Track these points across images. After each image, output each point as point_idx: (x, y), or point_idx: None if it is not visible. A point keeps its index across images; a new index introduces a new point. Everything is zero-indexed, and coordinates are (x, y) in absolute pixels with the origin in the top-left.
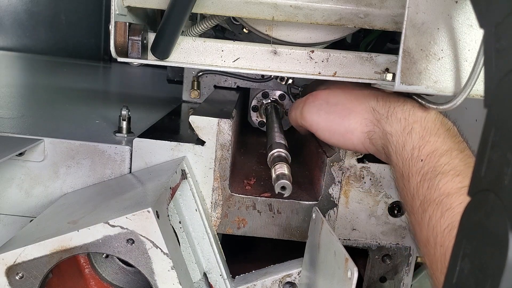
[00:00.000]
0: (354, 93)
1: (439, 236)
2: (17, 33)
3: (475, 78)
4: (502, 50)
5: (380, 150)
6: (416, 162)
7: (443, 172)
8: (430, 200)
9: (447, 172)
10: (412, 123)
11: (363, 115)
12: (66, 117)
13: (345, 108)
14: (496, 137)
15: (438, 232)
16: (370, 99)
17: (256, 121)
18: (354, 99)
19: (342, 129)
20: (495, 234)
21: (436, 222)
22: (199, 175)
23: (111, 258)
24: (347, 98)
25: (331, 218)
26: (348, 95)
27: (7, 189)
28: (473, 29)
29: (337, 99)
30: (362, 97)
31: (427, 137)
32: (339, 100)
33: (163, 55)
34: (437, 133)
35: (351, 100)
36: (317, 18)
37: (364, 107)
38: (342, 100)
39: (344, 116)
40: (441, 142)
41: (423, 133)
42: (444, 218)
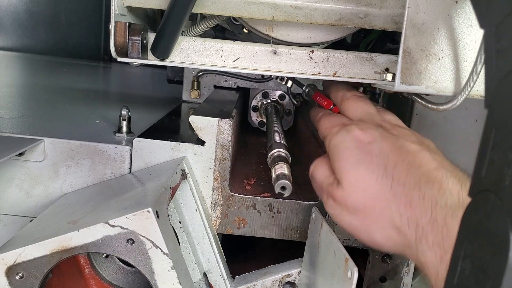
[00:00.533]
0: (374, 199)
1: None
2: (17, 33)
3: (475, 78)
4: (503, 50)
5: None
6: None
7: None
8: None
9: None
10: (449, 248)
11: (386, 233)
12: (66, 117)
13: (365, 218)
14: (497, 137)
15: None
16: (393, 213)
17: (256, 121)
18: (373, 207)
19: (370, 242)
20: (496, 234)
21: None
22: (199, 175)
23: (111, 258)
24: (366, 204)
25: (331, 218)
26: (366, 199)
27: (7, 189)
28: (473, 29)
29: (355, 203)
30: (385, 207)
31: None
32: (357, 204)
33: (163, 55)
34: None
35: (371, 208)
36: (317, 18)
37: (386, 223)
38: (361, 206)
39: (367, 230)
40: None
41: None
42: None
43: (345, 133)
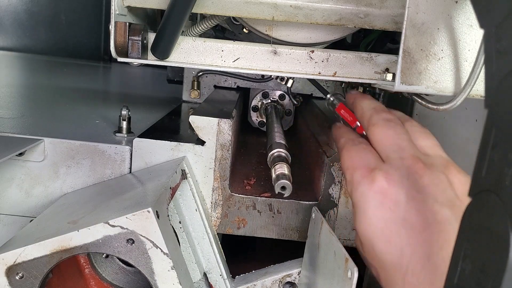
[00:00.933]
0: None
1: None
2: (17, 33)
3: (475, 78)
4: (503, 50)
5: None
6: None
7: None
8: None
9: None
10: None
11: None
12: (66, 117)
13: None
14: (497, 137)
15: None
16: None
17: (256, 121)
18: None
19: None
20: (496, 234)
21: None
22: (199, 175)
23: (111, 258)
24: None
25: (331, 218)
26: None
27: (7, 189)
28: (473, 29)
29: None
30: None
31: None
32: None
33: (163, 55)
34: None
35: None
36: (317, 18)
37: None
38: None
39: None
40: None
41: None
42: None
43: (368, 186)
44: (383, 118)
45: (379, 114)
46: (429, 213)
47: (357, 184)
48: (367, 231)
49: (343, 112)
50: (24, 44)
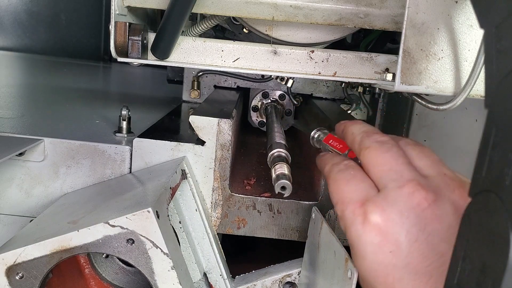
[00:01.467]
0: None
1: None
2: (17, 33)
3: (475, 78)
4: (503, 50)
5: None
6: None
7: None
8: None
9: None
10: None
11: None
12: (66, 117)
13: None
14: (497, 137)
15: None
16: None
17: (256, 121)
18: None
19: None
20: (496, 234)
21: None
22: (199, 175)
23: (111, 258)
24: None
25: (331, 218)
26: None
27: (7, 189)
28: (473, 29)
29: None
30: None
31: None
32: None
33: (163, 55)
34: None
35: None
36: (317, 18)
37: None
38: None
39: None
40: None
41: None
42: None
43: (362, 225)
44: (376, 140)
45: (371, 136)
46: (435, 256)
47: (350, 223)
48: (368, 276)
49: (332, 142)
50: (24, 44)
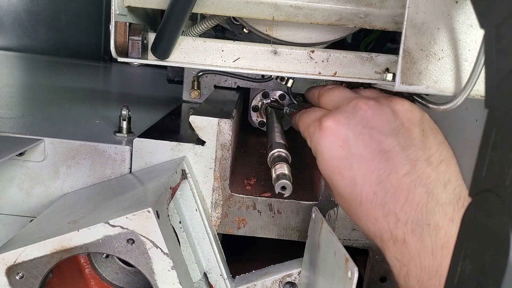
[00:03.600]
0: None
1: None
2: (17, 33)
3: (475, 78)
4: (504, 50)
5: None
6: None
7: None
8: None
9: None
10: (407, 264)
11: (366, 234)
12: (66, 117)
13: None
14: (497, 137)
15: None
16: (362, 223)
17: (256, 121)
18: (350, 214)
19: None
20: (496, 234)
21: None
22: (199, 175)
23: (111, 258)
24: (344, 211)
25: (331, 218)
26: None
27: (7, 189)
28: (474, 29)
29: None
30: (356, 215)
31: (427, 281)
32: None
33: (163, 55)
34: (438, 270)
35: (348, 213)
36: (317, 18)
37: (363, 229)
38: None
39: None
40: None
41: (421, 276)
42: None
43: (319, 132)
44: (328, 88)
45: (326, 86)
46: (375, 144)
47: (312, 135)
48: (326, 171)
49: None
50: (24, 44)
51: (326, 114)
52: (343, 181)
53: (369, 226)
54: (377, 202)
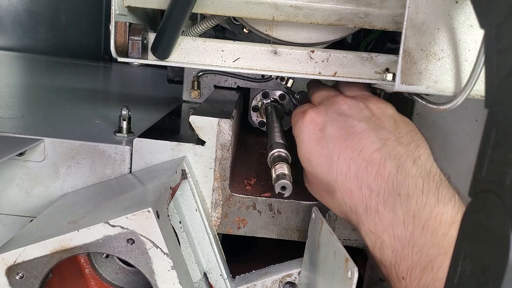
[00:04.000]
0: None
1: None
2: (17, 33)
3: (475, 78)
4: (504, 50)
5: None
6: (398, 281)
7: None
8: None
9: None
10: (381, 235)
11: (328, 200)
12: (66, 117)
13: (314, 187)
14: (497, 137)
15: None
16: (340, 201)
17: (256, 121)
18: (327, 195)
19: (320, 200)
20: (496, 234)
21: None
22: (199, 175)
23: (111, 258)
24: (320, 194)
25: (331, 218)
26: (319, 188)
27: (7, 189)
28: (474, 29)
29: (314, 193)
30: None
31: (400, 250)
32: (316, 193)
33: (163, 55)
34: (411, 240)
35: (325, 196)
36: (317, 18)
37: (338, 209)
38: (318, 195)
39: (315, 193)
40: (417, 253)
41: (395, 246)
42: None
43: (301, 122)
44: (318, 87)
45: (320, 85)
46: (348, 127)
47: (295, 123)
48: (304, 154)
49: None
50: (24, 44)
51: (310, 107)
52: (320, 159)
53: (346, 200)
54: (351, 175)
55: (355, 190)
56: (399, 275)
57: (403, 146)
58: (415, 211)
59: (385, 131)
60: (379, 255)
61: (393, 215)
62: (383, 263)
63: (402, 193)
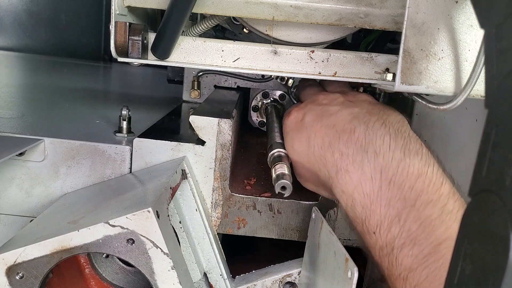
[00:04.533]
0: (307, 165)
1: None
2: (17, 33)
3: (475, 78)
4: (504, 50)
5: None
6: (369, 237)
7: (398, 246)
8: (395, 275)
9: (402, 245)
10: (352, 193)
11: (315, 182)
12: (66, 117)
13: (311, 182)
14: (497, 137)
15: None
16: (317, 172)
17: (256, 121)
18: (308, 171)
19: (312, 190)
20: (496, 234)
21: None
22: (199, 175)
23: (111, 258)
24: (306, 172)
25: (331, 218)
26: (304, 169)
27: (7, 189)
28: (474, 29)
29: (301, 175)
30: (313, 170)
31: (369, 206)
32: (302, 176)
33: (163, 55)
34: (378, 195)
35: (309, 174)
36: (317, 18)
37: (318, 182)
38: (305, 176)
39: (316, 189)
40: (385, 207)
41: (364, 202)
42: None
43: (286, 120)
44: (304, 85)
45: (309, 85)
46: (324, 111)
47: (284, 121)
48: (289, 143)
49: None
50: (24, 44)
51: (295, 106)
52: (300, 142)
53: (321, 168)
54: (326, 146)
55: (328, 157)
56: (370, 230)
57: (374, 114)
58: (382, 166)
59: (357, 108)
60: (352, 214)
61: (361, 172)
62: (356, 220)
63: (369, 151)
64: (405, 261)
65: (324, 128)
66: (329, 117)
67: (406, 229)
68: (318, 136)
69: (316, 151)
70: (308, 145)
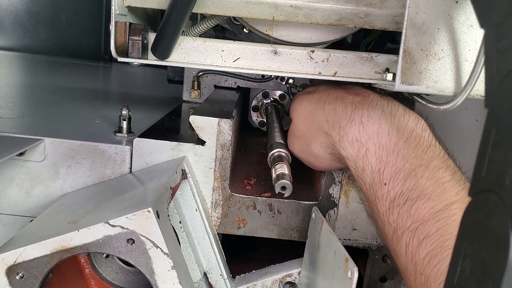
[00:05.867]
0: (310, 117)
1: (418, 265)
2: (17, 33)
3: (475, 78)
4: (503, 50)
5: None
6: (380, 187)
7: (411, 198)
8: (404, 228)
9: (416, 197)
10: (366, 143)
11: (320, 140)
12: (66, 117)
13: (306, 137)
14: (497, 137)
15: (417, 261)
16: (322, 122)
17: (256, 121)
18: (310, 123)
19: (312, 156)
20: (496, 234)
21: (414, 251)
22: (200, 175)
23: (112, 258)
24: (305, 126)
25: (331, 218)
26: (305, 122)
27: (8, 189)
28: (474, 29)
29: (299, 131)
30: (317, 120)
31: (385, 157)
32: (300, 130)
33: (163, 55)
34: (395, 149)
35: (309, 126)
36: (317, 18)
37: (319, 131)
38: (302, 130)
39: (308, 145)
40: (401, 161)
41: (379, 153)
42: (422, 246)
43: (297, 97)
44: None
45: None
46: (332, 91)
47: (290, 108)
48: (299, 100)
49: None
50: (24, 44)
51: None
52: (311, 100)
53: (328, 119)
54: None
55: (339, 110)
56: (381, 181)
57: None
58: (398, 126)
59: (357, 96)
60: (362, 163)
61: (378, 126)
62: (365, 171)
63: (386, 111)
64: (418, 213)
65: (338, 90)
66: (342, 87)
67: (421, 184)
68: (331, 95)
69: (326, 107)
70: (318, 102)
